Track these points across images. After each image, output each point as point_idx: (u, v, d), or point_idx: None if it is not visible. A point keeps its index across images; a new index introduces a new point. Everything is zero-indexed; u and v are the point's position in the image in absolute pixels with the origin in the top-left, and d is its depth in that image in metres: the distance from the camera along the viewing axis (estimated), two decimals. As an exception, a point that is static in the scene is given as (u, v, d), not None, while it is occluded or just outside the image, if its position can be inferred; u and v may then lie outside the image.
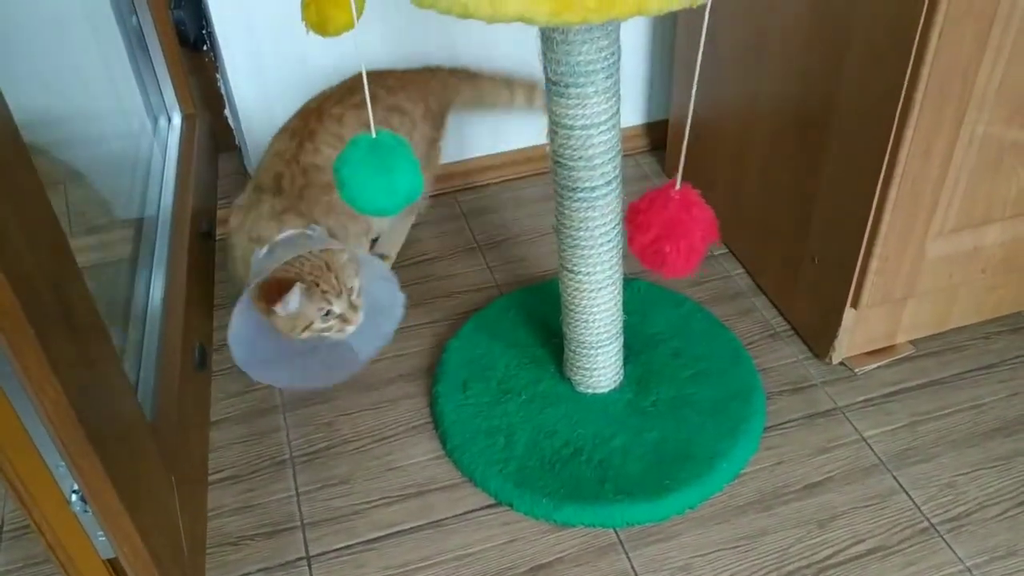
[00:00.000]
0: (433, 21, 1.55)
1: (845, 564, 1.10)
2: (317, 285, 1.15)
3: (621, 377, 1.29)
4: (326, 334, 1.19)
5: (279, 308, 1.12)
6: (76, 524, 0.78)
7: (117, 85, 1.37)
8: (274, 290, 1.12)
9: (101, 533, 0.79)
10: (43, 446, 0.71)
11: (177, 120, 1.46)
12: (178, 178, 1.30)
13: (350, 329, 1.20)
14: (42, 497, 0.74)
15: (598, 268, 1.14)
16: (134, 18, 1.37)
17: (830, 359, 1.34)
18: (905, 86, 1.01)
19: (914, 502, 1.17)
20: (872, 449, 1.23)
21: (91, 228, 1.17)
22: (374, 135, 0.86)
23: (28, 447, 0.71)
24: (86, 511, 0.77)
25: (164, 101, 1.44)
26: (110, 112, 1.35)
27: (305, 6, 0.91)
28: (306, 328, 1.16)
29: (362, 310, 1.20)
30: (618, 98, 1.02)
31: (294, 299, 1.12)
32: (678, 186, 0.91)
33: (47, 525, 0.77)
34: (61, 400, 0.65)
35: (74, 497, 0.75)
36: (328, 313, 1.17)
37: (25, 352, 0.61)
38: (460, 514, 1.18)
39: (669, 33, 1.69)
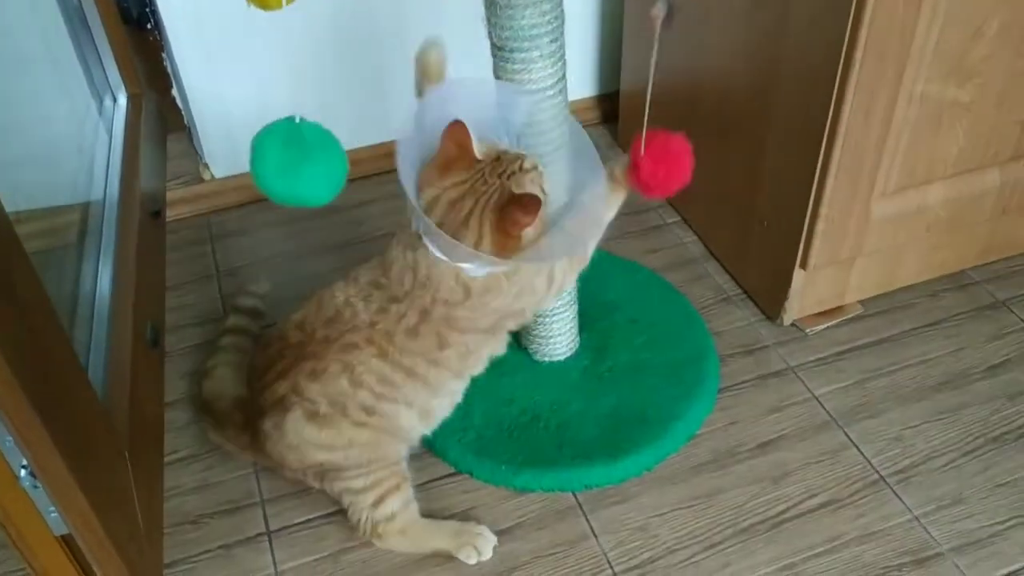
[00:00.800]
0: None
1: (799, 518, 1.13)
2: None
3: (577, 344, 1.31)
4: None
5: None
6: (27, 501, 0.77)
7: (59, 65, 1.35)
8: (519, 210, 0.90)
9: (53, 509, 0.78)
10: (-11, 421, 0.70)
11: (123, 100, 1.44)
12: (125, 158, 1.28)
13: None
14: (-10, 473, 0.73)
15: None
16: (74, -4, 1.35)
17: (781, 321, 1.36)
18: (845, 46, 1.03)
19: (864, 456, 1.19)
20: (823, 407, 1.26)
21: (35, 211, 1.16)
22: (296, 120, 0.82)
23: (-27, 422, 0.70)
24: (36, 487, 0.76)
25: (108, 80, 1.42)
26: (52, 92, 1.33)
27: None
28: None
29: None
30: (564, 64, 1.03)
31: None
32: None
33: (-3, 503, 0.76)
34: (4, 372, 0.64)
35: (23, 472, 0.75)
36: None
37: (-36, 323, 0.60)
38: (421, 484, 1.18)
39: (618, 4, 1.69)
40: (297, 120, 0.82)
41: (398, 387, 1.03)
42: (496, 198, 0.92)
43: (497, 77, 1.03)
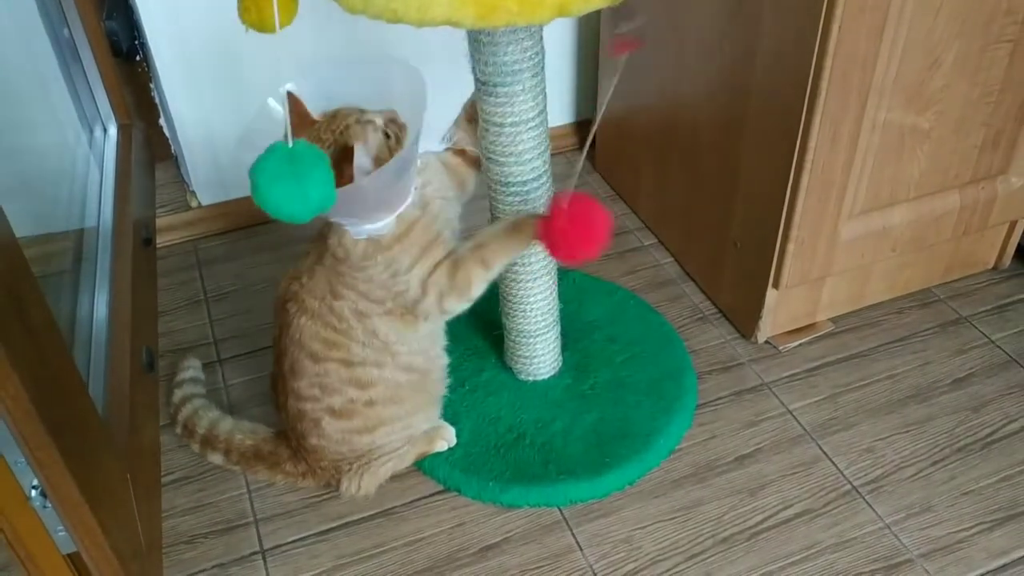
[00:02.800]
0: (366, 22, 1.58)
1: (776, 528, 1.17)
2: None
3: (560, 363, 1.35)
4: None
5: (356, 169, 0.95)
6: (36, 520, 0.80)
7: (50, 96, 1.38)
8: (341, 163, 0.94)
9: (61, 528, 0.81)
10: (2, 442, 0.73)
11: (113, 130, 1.47)
12: (117, 187, 1.32)
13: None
14: (2, 494, 0.76)
15: (534, 258, 1.19)
16: (66, 30, 1.38)
17: (756, 338, 1.42)
18: (811, 75, 1.09)
19: (837, 467, 1.24)
20: (797, 420, 1.31)
21: (28, 238, 1.18)
22: (291, 144, 0.87)
23: (-13, 444, 0.73)
24: (46, 506, 0.79)
25: (99, 112, 1.45)
26: (43, 123, 1.36)
27: (244, 9, 0.94)
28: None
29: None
30: (544, 96, 1.08)
31: (361, 157, 0.96)
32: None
33: (7, 523, 0.79)
34: (21, 395, 0.67)
35: (34, 492, 0.77)
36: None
37: (-15, 350, 0.64)
38: (409, 502, 1.22)
39: (595, 36, 1.75)
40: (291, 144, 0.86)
41: (342, 345, 1.11)
42: (332, 152, 0.97)
43: (481, 110, 1.08)
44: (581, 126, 1.90)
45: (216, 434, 1.25)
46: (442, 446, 1.25)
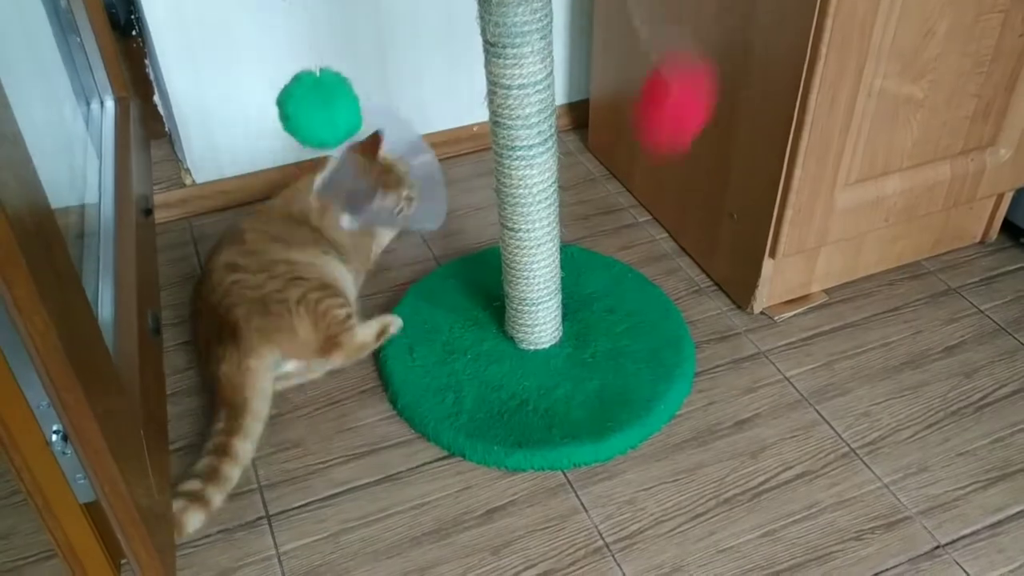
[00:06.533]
0: (363, 2, 1.60)
1: (777, 488, 1.19)
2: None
3: (560, 333, 1.36)
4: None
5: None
6: (55, 467, 0.80)
7: (45, 68, 1.37)
8: None
9: (81, 475, 0.81)
10: (26, 384, 0.73)
11: (110, 103, 1.46)
12: (117, 156, 1.31)
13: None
14: (22, 438, 0.76)
15: (537, 225, 1.20)
16: (63, 1, 1.37)
17: (751, 309, 1.44)
18: (811, 38, 1.11)
19: (835, 431, 1.26)
20: (794, 387, 1.33)
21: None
22: (318, 73, 0.90)
23: (10, 385, 0.73)
24: (65, 452, 0.79)
25: (96, 84, 1.44)
26: (40, 95, 1.35)
27: None
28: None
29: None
30: (551, 59, 1.09)
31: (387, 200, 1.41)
32: None
33: (26, 469, 0.79)
34: (50, 332, 0.67)
35: (55, 437, 0.77)
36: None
37: (16, 281, 0.64)
38: (415, 467, 1.23)
39: (588, 19, 1.77)
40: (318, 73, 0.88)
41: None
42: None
43: (489, 72, 1.09)
44: (574, 107, 1.92)
45: None
46: (393, 333, 1.37)
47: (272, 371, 1.24)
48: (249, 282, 1.28)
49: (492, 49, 1.06)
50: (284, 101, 0.86)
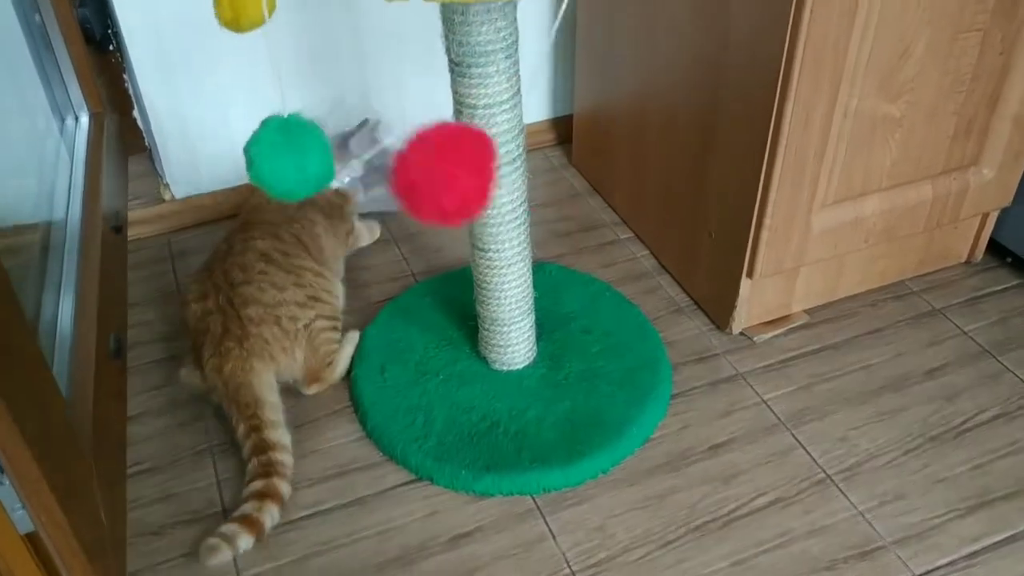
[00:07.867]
0: (339, 10, 1.58)
1: (749, 516, 1.17)
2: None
3: (534, 354, 1.34)
4: None
5: None
6: (-7, 498, 0.78)
7: (19, 83, 1.36)
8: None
9: (19, 506, 0.79)
10: (-44, 415, 0.72)
11: (84, 118, 1.45)
12: (87, 173, 1.30)
13: None
14: (-43, 469, 0.75)
15: (507, 245, 1.19)
16: (37, 16, 1.36)
17: (731, 330, 1.41)
18: (784, 59, 1.09)
19: (811, 456, 1.24)
20: (772, 410, 1.31)
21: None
22: (286, 115, 0.88)
23: (-59, 417, 0.71)
24: (2, 483, 0.77)
25: (71, 99, 1.43)
26: (12, 110, 1.34)
27: (217, 3, 0.93)
28: None
29: None
30: (518, 79, 1.07)
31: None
32: None
33: (-37, 500, 0.77)
34: (-25, 363, 0.66)
35: (-9, 468, 0.76)
36: None
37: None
38: (382, 491, 1.21)
39: (571, 36, 1.75)
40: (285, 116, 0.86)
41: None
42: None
43: (455, 92, 1.07)
44: (558, 123, 1.90)
45: None
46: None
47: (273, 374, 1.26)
48: (276, 282, 1.28)
49: (457, 68, 1.05)
50: (250, 147, 0.83)
